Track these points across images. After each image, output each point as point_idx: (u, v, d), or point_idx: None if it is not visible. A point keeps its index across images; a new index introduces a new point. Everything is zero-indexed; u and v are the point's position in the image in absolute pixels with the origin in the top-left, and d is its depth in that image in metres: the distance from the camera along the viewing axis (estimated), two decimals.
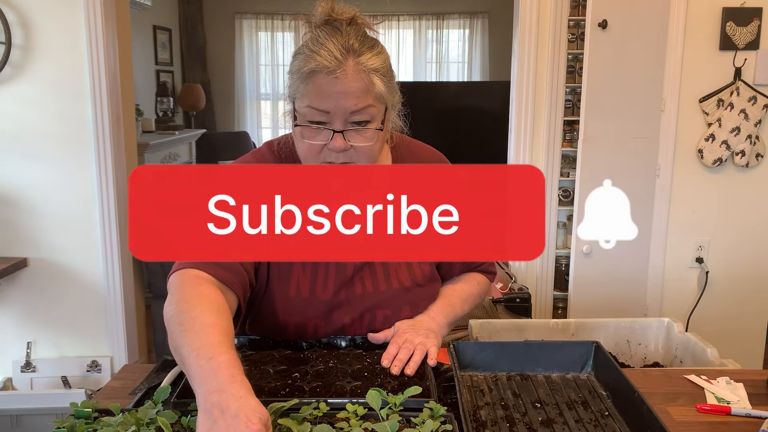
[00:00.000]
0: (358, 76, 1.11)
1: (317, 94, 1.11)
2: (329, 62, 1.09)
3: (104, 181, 2.68)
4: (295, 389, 1.07)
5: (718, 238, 2.74)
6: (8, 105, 2.63)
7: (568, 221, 2.88)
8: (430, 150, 1.40)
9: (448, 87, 6.35)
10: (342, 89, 1.10)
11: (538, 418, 1.06)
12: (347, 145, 1.13)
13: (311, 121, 1.13)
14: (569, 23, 2.74)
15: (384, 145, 1.23)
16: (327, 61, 1.09)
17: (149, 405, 0.94)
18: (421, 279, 1.30)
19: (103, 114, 2.64)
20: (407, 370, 1.11)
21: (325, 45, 1.11)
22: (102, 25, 2.59)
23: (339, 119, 1.12)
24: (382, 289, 1.27)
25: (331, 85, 1.10)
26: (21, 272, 2.73)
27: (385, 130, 1.18)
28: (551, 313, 2.96)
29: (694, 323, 2.75)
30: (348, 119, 1.12)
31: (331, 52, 1.10)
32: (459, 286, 1.39)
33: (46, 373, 2.80)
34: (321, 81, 1.10)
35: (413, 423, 0.91)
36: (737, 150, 2.64)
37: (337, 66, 1.09)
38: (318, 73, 1.10)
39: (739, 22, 2.57)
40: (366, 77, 1.11)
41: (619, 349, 1.70)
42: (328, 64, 1.09)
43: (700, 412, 1.16)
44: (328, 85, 1.10)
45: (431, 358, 1.14)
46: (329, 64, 1.09)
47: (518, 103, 2.80)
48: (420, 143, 1.40)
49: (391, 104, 1.19)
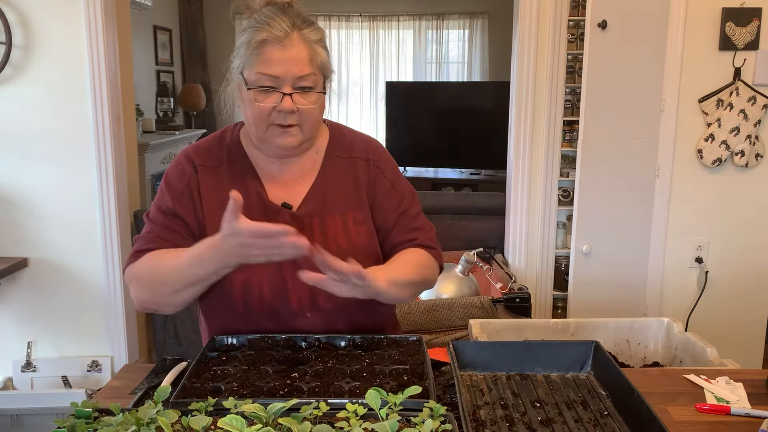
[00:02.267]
0: (304, 45, 1.26)
1: (267, 61, 1.24)
2: (279, 32, 1.24)
3: (104, 181, 2.68)
4: (293, 389, 1.07)
5: (718, 238, 2.75)
6: (8, 105, 2.63)
7: (567, 221, 2.89)
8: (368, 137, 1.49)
9: (448, 87, 6.35)
10: (289, 56, 1.24)
11: (538, 418, 1.06)
12: (294, 107, 1.26)
13: (261, 86, 1.25)
14: (569, 23, 2.74)
15: (322, 112, 1.35)
16: (276, 30, 1.24)
17: (149, 405, 0.94)
18: (356, 240, 1.36)
19: (103, 114, 2.64)
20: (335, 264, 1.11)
21: (273, 19, 1.25)
22: (102, 25, 2.59)
23: (287, 83, 1.25)
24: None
25: (280, 52, 1.24)
26: (21, 272, 2.73)
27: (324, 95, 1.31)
28: (551, 313, 2.96)
29: (694, 323, 2.75)
30: (295, 84, 1.25)
31: (279, 24, 1.24)
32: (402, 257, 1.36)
33: (46, 373, 2.80)
34: (270, 49, 1.24)
35: (413, 423, 0.92)
36: (737, 150, 2.64)
37: (284, 36, 1.24)
38: (268, 42, 1.24)
39: (739, 23, 2.57)
40: (310, 47, 1.26)
41: (618, 349, 1.70)
42: (277, 34, 1.23)
43: (699, 411, 1.16)
44: (278, 53, 1.24)
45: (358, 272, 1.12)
46: (279, 34, 1.23)
47: (518, 104, 2.80)
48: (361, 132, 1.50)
49: (328, 74, 1.33)
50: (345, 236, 1.36)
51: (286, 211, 1.35)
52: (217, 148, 1.40)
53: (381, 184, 1.42)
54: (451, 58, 6.90)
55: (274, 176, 1.38)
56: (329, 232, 1.35)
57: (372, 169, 1.42)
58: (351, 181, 1.40)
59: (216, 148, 1.40)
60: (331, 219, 1.36)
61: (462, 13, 6.70)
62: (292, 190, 1.38)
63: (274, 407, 0.91)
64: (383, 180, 1.42)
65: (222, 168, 1.37)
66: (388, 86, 6.04)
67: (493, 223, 3.05)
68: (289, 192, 1.37)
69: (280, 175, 1.38)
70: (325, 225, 1.35)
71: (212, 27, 6.78)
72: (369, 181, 1.41)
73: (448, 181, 5.64)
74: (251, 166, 1.38)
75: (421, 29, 6.81)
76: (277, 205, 1.35)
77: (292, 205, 1.36)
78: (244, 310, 1.32)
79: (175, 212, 1.34)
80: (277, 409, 0.91)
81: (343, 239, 1.35)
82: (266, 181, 1.37)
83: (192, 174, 1.36)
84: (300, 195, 1.37)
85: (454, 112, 5.67)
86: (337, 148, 1.43)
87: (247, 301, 1.31)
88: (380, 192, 1.41)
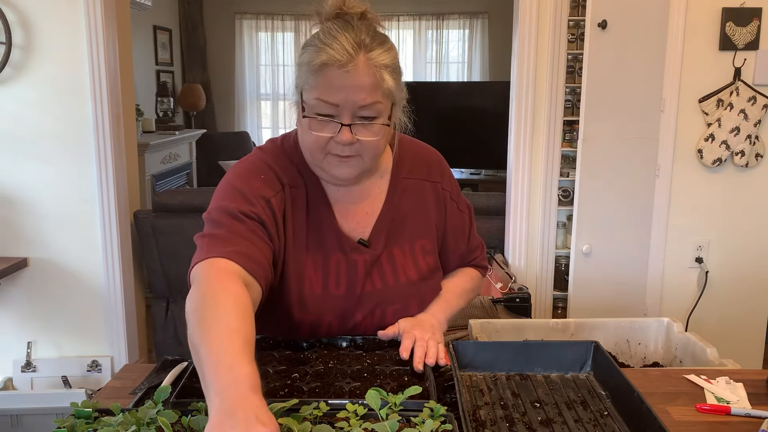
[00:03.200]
0: (369, 71, 1.11)
1: (327, 86, 1.11)
2: (341, 56, 1.09)
3: (104, 181, 2.68)
4: (294, 389, 1.07)
5: (718, 238, 2.75)
6: (8, 105, 2.63)
7: (567, 221, 2.88)
8: (428, 149, 1.41)
9: (448, 87, 6.35)
10: (352, 83, 1.11)
11: (538, 418, 1.06)
12: (354, 139, 1.14)
13: (319, 114, 1.14)
14: (569, 23, 2.74)
15: (387, 141, 1.24)
16: (339, 54, 1.09)
17: (149, 405, 0.94)
18: (426, 272, 1.32)
19: (103, 114, 2.64)
20: (429, 360, 1.13)
21: (337, 38, 1.11)
22: (102, 25, 2.59)
23: (347, 113, 1.13)
24: (390, 285, 1.28)
25: (341, 79, 1.10)
26: (21, 272, 2.73)
27: (390, 126, 1.20)
28: (551, 313, 2.96)
29: (694, 323, 2.75)
30: (356, 113, 1.13)
31: (343, 46, 1.10)
32: (453, 282, 1.41)
33: (46, 373, 2.80)
34: (332, 74, 1.10)
35: (413, 423, 0.92)
36: (737, 150, 2.64)
37: (348, 60, 1.10)
38: (329, 66, 1.10)
39: (739, 23, 2.57)
40: (376, 72, 1.12)
41: (618, 349, 1.70)
42: (339, 58, 1.09)
43: (699, 411, 1.16)
44: (339, 79, 1.10)
45: (441, 357, 1.16)
46: (341, 58, 1.09)
47: (518, 103, 2.80)
48: (419, 142, 1.41)
49: (398, 101, 1.20)
50: (414, 267, 1.30)
51: (362, 248, 1.27)
52: (290, 165, 1.26)
53: (450, 208, 1.37)
54: (451, 58, 6.91)
55: (341, 203, 1.28)
56: (398, 263, 1.29)
57: (439, 191, 1.35)
58: (419, 206, 1.33)
59: (289, 164, 1.26)
60: (399, 249, 1.30)
61: (462, 13, 6.71)
62: (361, 220, 1.29)
63: (274, 407, 0.91)
64: (451, 204, 1.38)
65: (301, 191, 1.25)
66: None
67: (493, 223, 3.05)
68: (358, 223, 1.29)
69: (346, 202, 1.28)
70: (393, 257, 1.29)
71: (212, 27, 6.79)
72: (438, 206, 1.35)
73: None
74: (323, 192, 1.27)
75: (421, 29, 6.81)
76: (353, 242, 1.27)
77: (369, 242, 1.27)
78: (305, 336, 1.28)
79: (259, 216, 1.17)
80: (278, 409, 0.91)
81: (412, 271, 1.30)
82: (336, 209, 1.28)
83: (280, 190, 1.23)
84: (368, 224, 1.29)
85: (454, 112, 5.67)
86: (403, 169, 1.33)
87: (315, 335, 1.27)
88: (451, 218, 1.37)
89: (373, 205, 1.30)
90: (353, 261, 1.26)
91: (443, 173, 1.38)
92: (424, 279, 1.31)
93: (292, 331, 1.26)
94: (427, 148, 1.41)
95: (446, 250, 1.39)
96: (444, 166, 1.39)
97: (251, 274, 1.08)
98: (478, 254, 1.46)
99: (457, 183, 1.41)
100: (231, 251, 1.08)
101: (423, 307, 1.31)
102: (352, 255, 1.26)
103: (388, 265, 1.28)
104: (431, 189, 1.35)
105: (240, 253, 1.08)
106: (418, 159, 1.36)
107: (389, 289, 1.28)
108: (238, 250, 1.09)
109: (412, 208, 1.32)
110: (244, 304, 0.98)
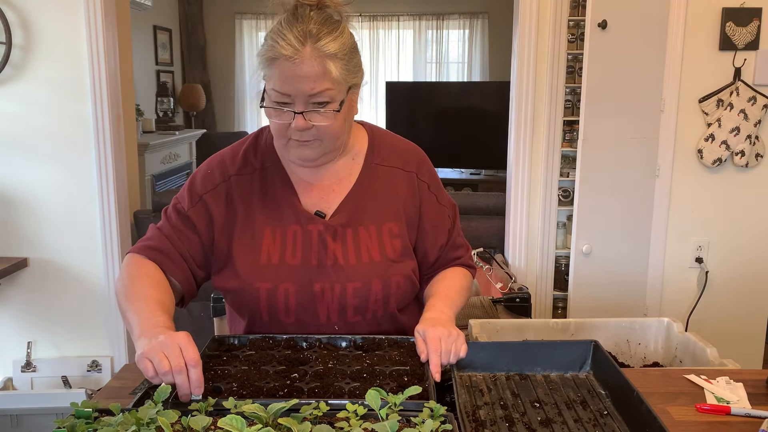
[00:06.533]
0: (315, 61, 1.17)
1: (279, 78, 1.19)
2: (286, 50, 1.16)
3: (104, 181, 2.68)
4: (293, 390, 1.07)
5: (718, 238, 2.75)
6: (8, 105, 2.63)
7: (567, 221, 2.88)
8: (410, 144, 1.45)
9: (448, 87, 6.36)
10: (300, 74, 1.17)
11: (537, 418, 1.06)
12: (309, 125, 1.22)
13: (276, 102, 1.21)
14: (569, 23, 2.74)
15: (345, 121, 1.28)
16: (284, 49, 1.16)
17: (149, 405, 0.94)
18: (392, 254, 1.33)
19: (103, 114, 2.64)
20: (452, 359, 1.16)
21: (284, 33, 1.18)
22: (102, 25, 2.59)
23: (299, 101, 1.20)
24: (352, 263, 1.31)
25: (289, 71, 1.17)
26: (21, 272, 2.73)
27: (345, 108, 1.25)
28: (551, 313, 2.96)
29: (694, 323, 2.75)
30: (308, 101, 1.20)
31: (289, 41, 1.17)
32: (449, 282, 1.40)
33: (46, 373, 2.80)
34: (281, 67, 1.18)
35: (413, 423, 0.92)
36: (737, 150, 2.64)
37: (294, 53, 1.16)
38: (277, 59, 1.17)
39: (739, 23, 2.57)
40: (322, 62, 1.18)
41: (618, 349, 1.70)
42: (285, 52, 1.16)
43: (699, 411, 1.16)
44: (287, 71, 1.17)
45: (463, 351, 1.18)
46: (286, 52, 1.16)
47: (518, 104, 2.80)
48: (405, 139, 1.46)
49: (353, 83, 1.26)
50: (379, 248, 1.33)
51: (318, 219, 1.32)
52: (252, 154, 1.37)
53: (427, 199, 1.39)
54: (451, 58, 6.91)
55: (308, 182, 1.35)
56: (363, 243, 1.32)
57: (414, 181, 1.38)
58: (390, 191, 1.36)
59: (251, 154, 1.37)
60: (365, 229, 1.33)
61: (462, 13, 6.71)
62: (327, 197, 1.34)
63: (274, 407, 0.91)
64: (429, 195, 1.40)
65: (255, 175, 1.35)
66: (388, 86, 6.05)
67: (493, 223, 3.05)
68: (323, 199, 1.34)
69: (314, 181, 1.35)
70: (358, 235, 1.32)
71: (212, 27, 6.79)
72: (412, 195, 1.38)
73: (448, 181, 5.63)
74: (284, 172, 1.35)
75: (421, 29, 6.81)
76: (309, 213, 1.32)
77: (325, 214, 1.32)
78: (268, 318, 1.31)
79: (189, 217, 1.32)
80: (277, 410, 0.91)
81: (376, 251, 1.32)
82: (299, 188, 1.34)
83: (220, 183, 1.34)
84: (334, 202, 1.34)
85: (454, 112, 5.67)
86: (377, 156, 1.38)
87: (273, 310, 1.30)
88: (427, 208, 1.39)
89: (341, 184, 1.36)
90: (308, 231, 1.31)
91: (421, 166, 1.41)
92: (389, 261, 1.32)
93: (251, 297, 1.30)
94: (408, 143, 1.45)
95: (424, 239, 1.39)
96: (423, 160, 1.43)
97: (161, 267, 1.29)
98: (464, 253, 1.46)
99: (439, 180, 1.45)
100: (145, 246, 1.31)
101: (387, 289, 1.31)
102: (307, 226, 1.31)
103: (352, 244, 1.32)
104: (405, 177, 1.38)
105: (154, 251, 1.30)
106: (395, 150, 1.41)
107: (350, 267, 1.30)
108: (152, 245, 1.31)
109: (382, 192, 1.36)
110: (156, 279, 1.26)
